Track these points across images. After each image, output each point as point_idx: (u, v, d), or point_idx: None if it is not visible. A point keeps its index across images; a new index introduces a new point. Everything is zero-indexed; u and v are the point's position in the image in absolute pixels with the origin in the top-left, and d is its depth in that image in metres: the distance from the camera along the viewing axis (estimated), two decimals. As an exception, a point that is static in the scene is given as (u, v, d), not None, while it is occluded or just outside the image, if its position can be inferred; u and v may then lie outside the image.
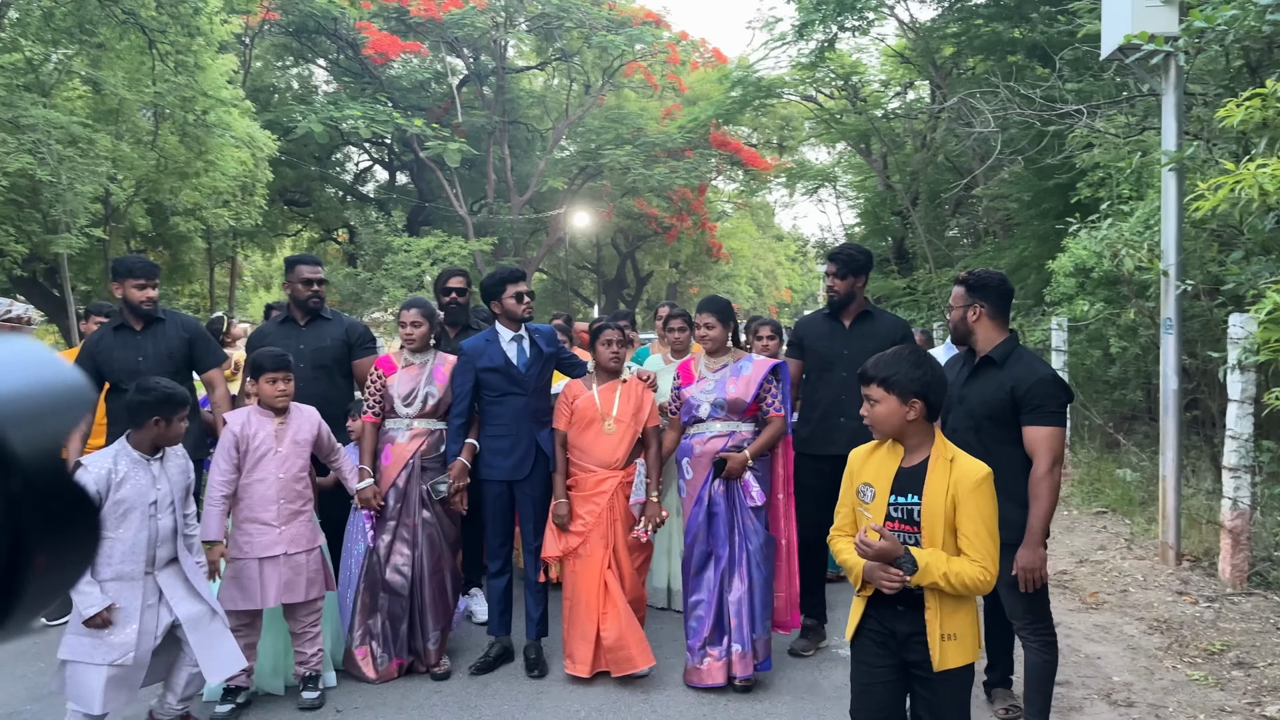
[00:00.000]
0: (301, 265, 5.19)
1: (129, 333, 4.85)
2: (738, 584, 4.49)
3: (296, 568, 4.30)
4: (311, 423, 4.45)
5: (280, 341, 4.92)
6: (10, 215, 11.29)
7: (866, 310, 4.94)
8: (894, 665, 2.83)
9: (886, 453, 2.88)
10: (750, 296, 46.20)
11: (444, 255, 22.44)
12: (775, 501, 4.71)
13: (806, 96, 20.45)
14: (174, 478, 3.85)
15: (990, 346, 3.74)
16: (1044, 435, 3.53)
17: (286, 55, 25.77)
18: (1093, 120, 8.49)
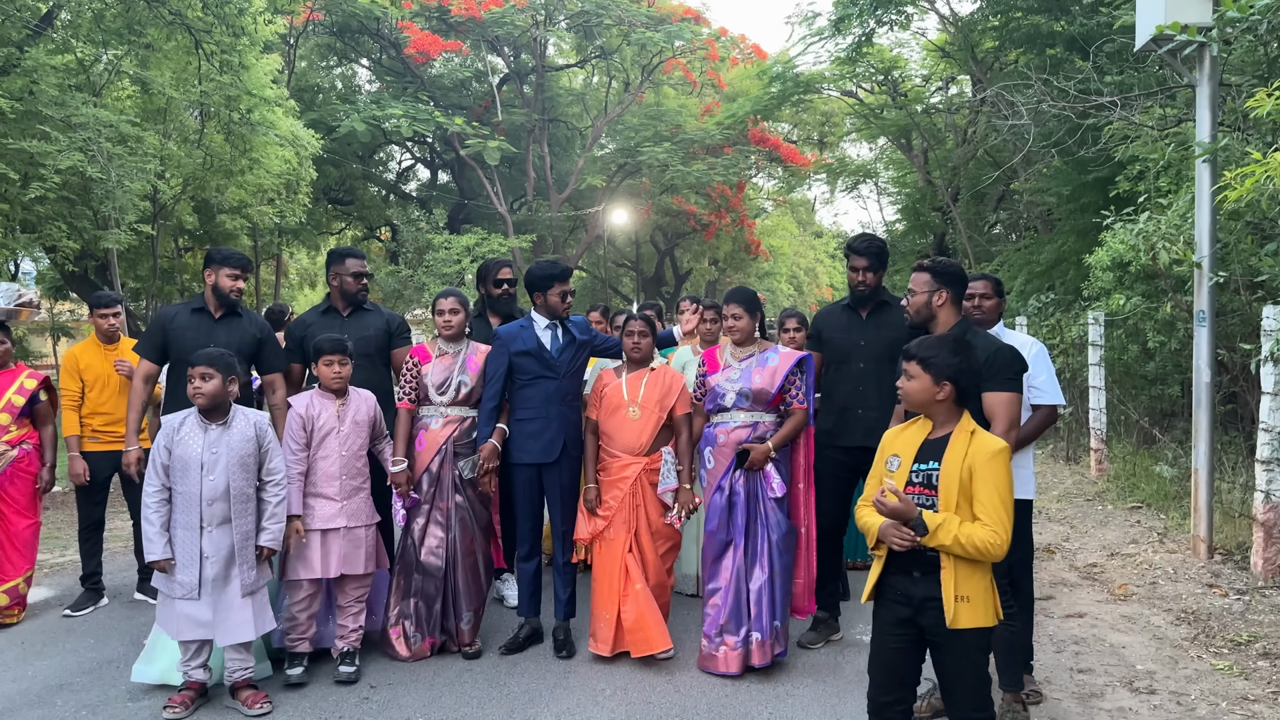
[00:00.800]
0: (350, 259, 5.28)
1: (206, 317, 4.95)
2: (758, 572, 4.56)
3: (355, 541, 4.58)
4: (369, 404, 4.74)
5: (322, 331, 5.02)
6: (62, 212, 11.61)
7: (884, 300, 4.88)
8: (909, 628, 3.01)
9: (917, 429, 3.14)
10: (790, 294, 46.05)
11: (484, 252, 22.64)
12: (796, 491, 4.77)
13: (846, 92, 20.37)
14: (234, 443, 4.10)
15: (947, 329, 3.92)
16: (1003, 400, 3.74)
17: (330, 55, 26.14)
18: (1129, 112, 8.41)
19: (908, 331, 4.66)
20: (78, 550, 5.92)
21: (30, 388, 5.41)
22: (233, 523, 4.10)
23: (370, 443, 4.75)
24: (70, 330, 24.08)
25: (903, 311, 4.80)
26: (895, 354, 4.66)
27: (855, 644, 5.01)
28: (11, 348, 5.48)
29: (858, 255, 4.83)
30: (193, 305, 5.00)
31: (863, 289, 4.84)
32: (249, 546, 4.15)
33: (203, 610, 4.06)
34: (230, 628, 4.12)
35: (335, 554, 4.52)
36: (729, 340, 4.81)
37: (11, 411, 5.36)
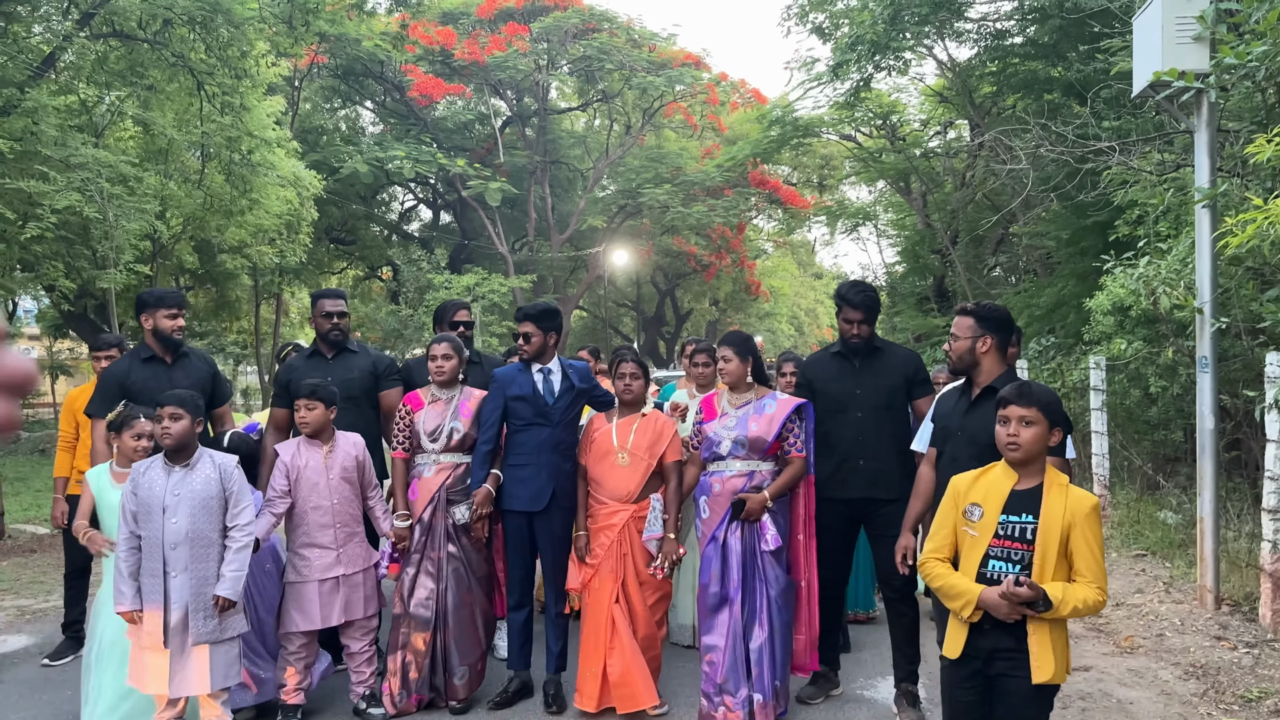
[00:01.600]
0: (323, 300, 5.21)
1: (160, 365, 4.86)
2: (758, 631, 4.40)
3: (354, 586, 4.52)
4: (358, 448, 4.63)
5: (308, 375, 4.97)
6: (60, 252, 11.63)
7: (875, 346, 4.72)
8: (979, 680, 3.01)
9: (999, 475, 3.05)
10: (791, 335, 46.06)
11: (484, 292, 22.69)
12: (795, 542, 4.63)
13: (845, 136, 20.49)
14: (196, 486, 3.91)
15: (992, 378, 3.78)
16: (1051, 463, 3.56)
17: (335, 97, 26.40)
18: (1127, 157, 8.40)
19: (903, 378, 4.61)
20: (61, 596, 5.80)
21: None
22: (189, 569, 3.88)
23: (364, 489, 4.65)
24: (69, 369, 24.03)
25: (898, 355, 4.74)
26: (892, 401, 4.62)
27: (856, 699, 4.88)
28: None
29: (852, 308, 4.64)
30: (141, 355, 4.88)
31: (857, 340, 4.67)
32: (207, 593, 3.90)
33: (163, 661, 3.86)
34: (185, 679, 3.88)
35: (338, 602, 4.46)
36: (725, 386, 4.71)
37: None
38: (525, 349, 4.74)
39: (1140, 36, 6.54)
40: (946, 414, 3.94)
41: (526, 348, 4.74)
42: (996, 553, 2.95)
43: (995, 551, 2.95)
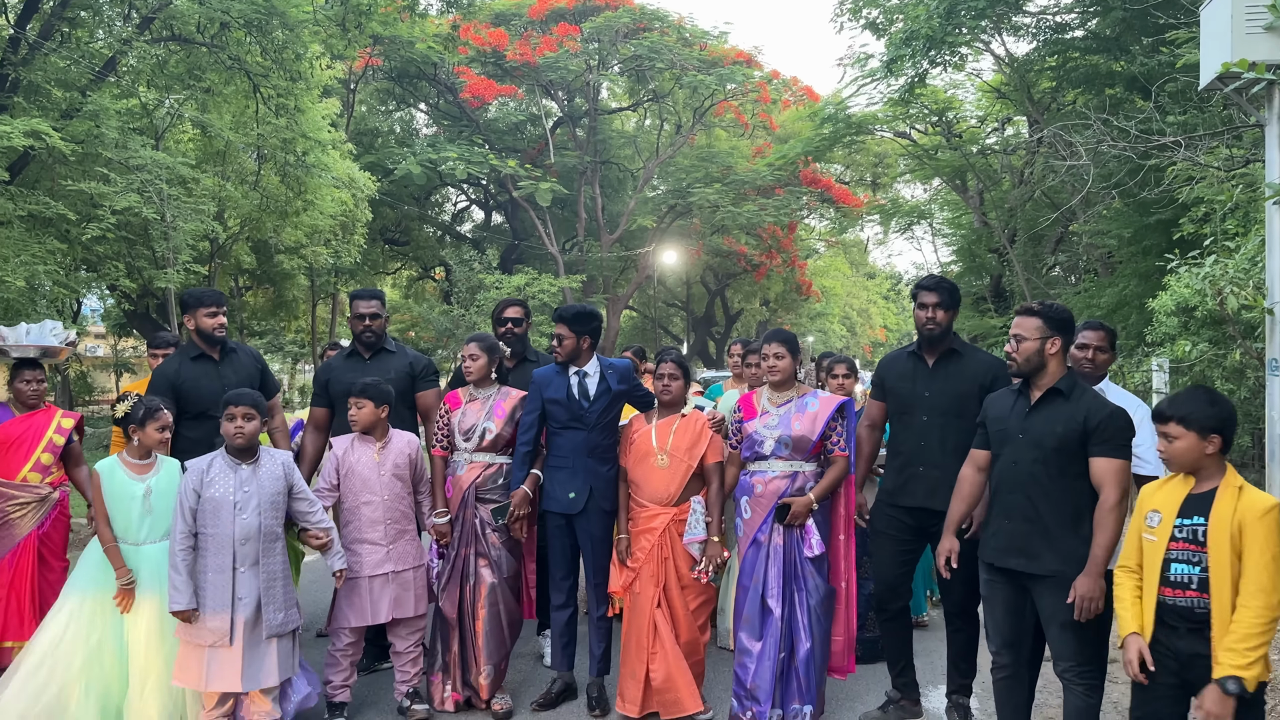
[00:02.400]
0: (357, 300, 5.17)
1: (209, 363, 4.92)
2: (804, 641, 4.30)
3: (404, 584, 4.53)
4: (412, 447, 4.67)
5: (346, 375, 5.00)
6: (121, 252, 11.88)
7: (953, 349, 4.44)
8: (1176, 684, 3.06)
9: (1178, 483, 3.16)
10: (844, 335, 45.64)
11: (534, 292, 22.77)
12: (836, 543, 4.51)
13: (899, 133, 20.21)
14: (264, 483, 4.08)
15: (1055, 380, 3.67)
16: (1115, 468, 3.51)
17: (389, 100, 26.68)
18: (1193, 153, 8.14)
19: (978, 385, 4.30)
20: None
21: (67, 428, 5.36)
22: (260, 563, 4.05)
23: (415, 486, 4.69)
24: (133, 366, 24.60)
25: (978, 361, 4.46)
26: (963, 409, 4.31)
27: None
28: (46, 386, 5.44)
29: (927, 291, 4.41)
30: (190, 354, 4.95)
31: (933, 329, 4.38)
32: (275, 587, 4.08)
33: (233, 656, 3.97)
34: (254, 672, 4.02)
35: (386, 599, 4.47)
36: (766, 385, 4.59)
37: (53, 451, 5.29)
38: (558, 351, 4.70)
39: (1208, 27, 6.31)
40: (1003, 416, 3.81)
41: (559, 350, 4.69)
42: (1176, 555, 3.06)
43: (1175, 555, 3.06)
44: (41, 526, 5.14)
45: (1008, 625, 3.79)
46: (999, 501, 3.77)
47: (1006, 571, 3.72)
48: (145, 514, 4.18)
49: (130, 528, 4.17)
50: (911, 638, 4.65)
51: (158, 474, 4.25)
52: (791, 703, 4.30)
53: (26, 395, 5.23)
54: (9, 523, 5.06)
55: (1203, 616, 2.96)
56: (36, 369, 5.29)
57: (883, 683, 4.88)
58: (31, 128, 8.68)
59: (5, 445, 5.14)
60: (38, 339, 5.24)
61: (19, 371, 5.25)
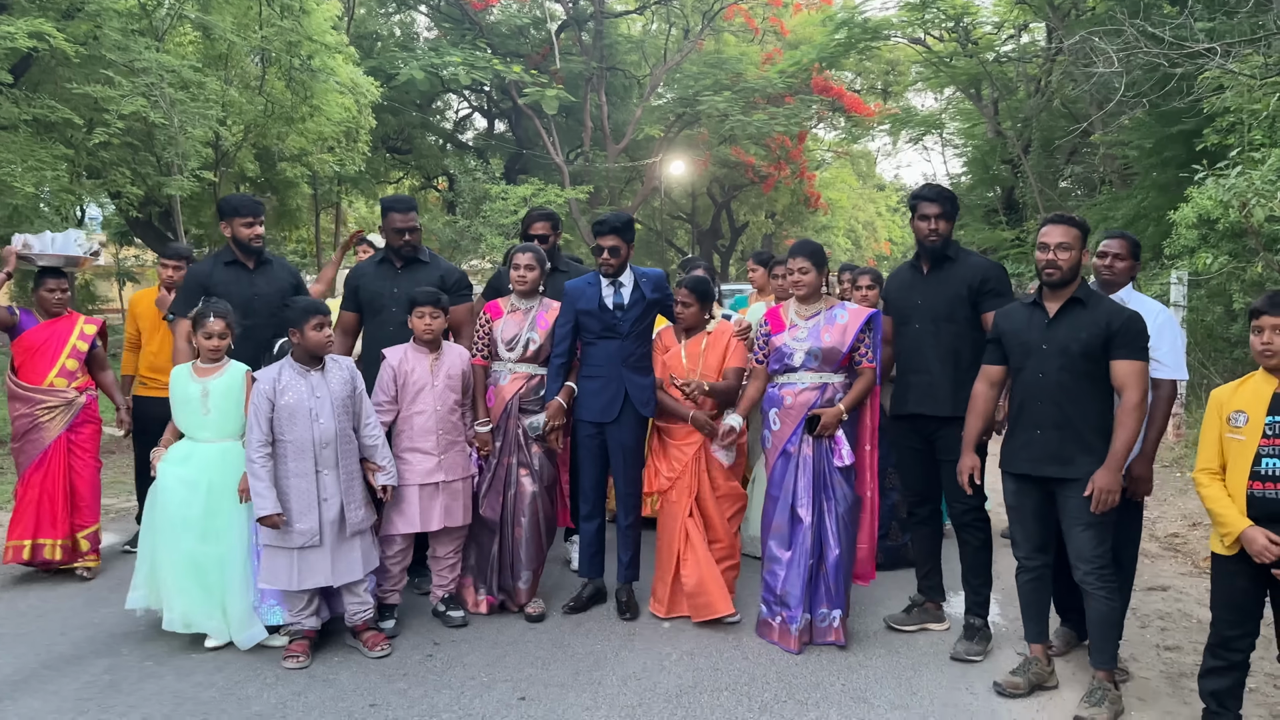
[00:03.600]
0: (394, 213, 5.03)
1: (242, 269, 4.95)
2: (833, 549, 4.37)
3: (454, 494, 4.60)
4: (463, 359, 4.70)
5: (376, 283, 4.98)
6: (126, 159, 11.69)
7: (946, 255, 4.41)
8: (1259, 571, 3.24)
9: (1259, 381, 3.29)
10: (848, 248, 45.32)
11: (540, 203, 22.51)
12: (863, 453, 4.54)
13: (914, 39, 19.70)
14: (334, 388, 4.21)
15: (1073, 290, 3.76)
16: (1137, 369, 3.64)
17: (389, 1, 25.97)
18: (1225, 61, 7.94)
19: (968, 287, 4.31)
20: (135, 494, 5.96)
21: (90, 333, 5.42)
22: (339, 465, 4.19)
23: (463, 396, 4.71)
24: (135, 275, 24.49)
25: (969, 264, 4.39)
26: (952, 313, 4.32)
27: (927, 613, 4.84)
28: (70, 295, 5.49)
29: (929, 202, 4.37)
30: (224, 259, 4.97)
31: (934, 239, 4.36)
32: (355, 486, 4.24)
33: (322, 555, 4.15)
34: (343, 568, 4.21)
35: (437, 508, 4.54)
36: (793, 298, 4.56)
37: (78, 357, 5.38)
38: (611, 263, 4.66)
39: (1253, -73, 6.11)
40: (1019, 330, 3.83)
41: (613, 261, 4.66)
42: (1268, 451, 3.20)
43: (1266, 450, 3.20)
44: (70, 430, 5.26)
45: (1037, 531, 3.87)
46: (1026, 413, 3.81)
47: (1035, 480, 3.78)
48: (205, 414, 4.36)
49: (194, 425, 4.40)
50: (940, 543, 4.72)
51: (219, 377, 4.39)
52: (820, 607, 4.40)
53: (50, 303, 5.34)
54: (38, 426, 5.23)
55: None
56: (60, 278, 5.36)
57: (905, 588, 4.98)
58: (35, 28, 8.46)
59: (30, 352, 5.27)
60: (63, 248, 5.28)
61: (43, 280, 5.35)
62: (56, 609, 4.90)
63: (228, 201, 4.98)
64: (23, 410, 5.26)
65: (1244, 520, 3.22)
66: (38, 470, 5.25)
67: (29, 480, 5.25)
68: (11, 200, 9.23)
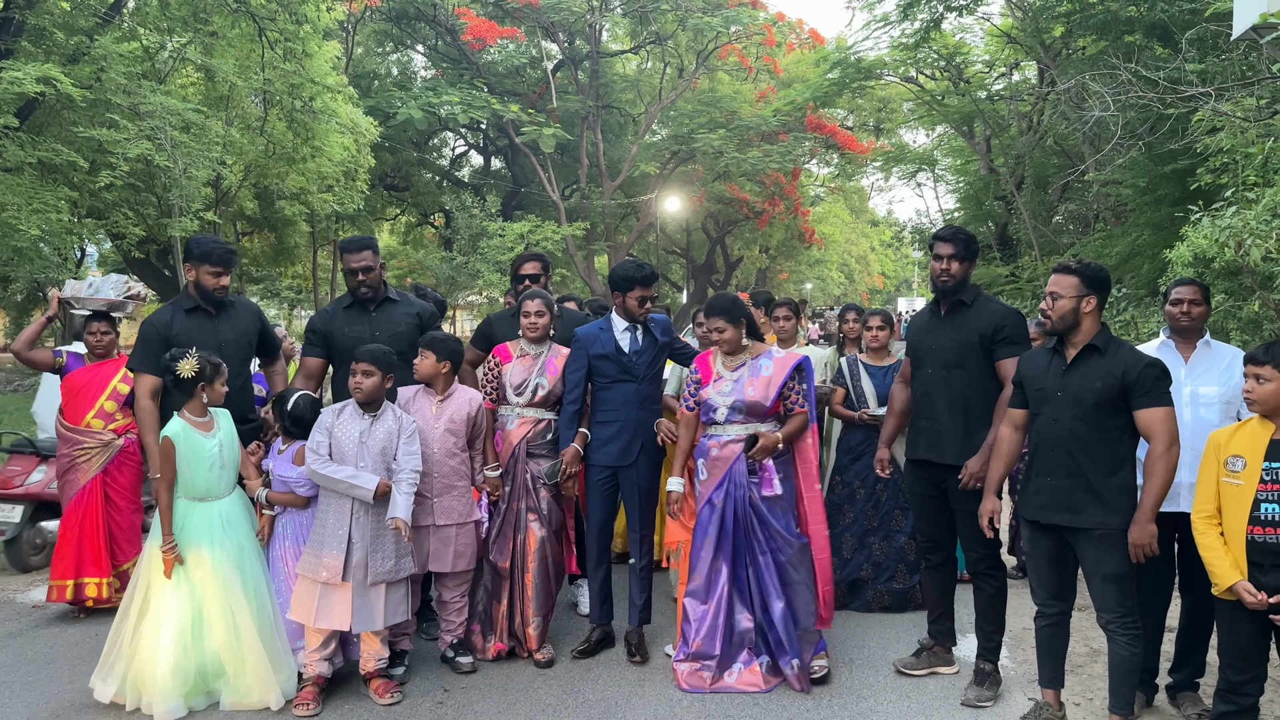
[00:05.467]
0: (346, 254, 4.86)
1: (205, 316, 4.70)
2: (775, 599, 4.39)
3: (445, 539, 4.54)
4: (472, 405, 4.65)
5: (350, 326, 4.83)
6: (129, 199, 11.77)
7: (961, 300, 4.33)
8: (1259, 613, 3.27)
9: (1255, 428, 3.34)
10: (841, 282, 45.55)
11: (537, 240, 22.63)
12: (812, 494, 4.56)
13: (907, 78, 19.99)
14: (377, 437, 4.24)
15: (1090, 337, 3.72)
16: (1161, 415, 3.59)
17: (387, 41, 26.25)
18: (1219, 103, 8.07)
19: (979, 336, 4.25)
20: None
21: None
22: (372, 511, 4.20)
23: (471, 439, 4.66)
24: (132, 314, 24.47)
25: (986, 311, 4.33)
26: (964, 359, 4.27)
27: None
28: (116, 338, 5.58)
29: (943, 242, 4.31)
30: (184, 306, 4.68)
31: (946, 280, 4.29)
32: (385, 536, 4.21)
33: (344, 598, 4.13)
34: (363, 616, 4.18)
35: (451, 550, 4.52)
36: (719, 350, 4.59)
37: (117, 400, 5.48)
38: (640, 312, 4.73)
39: (1244, -24, 6.24)
40: (1039, 375, 3.85)
41: (642, 311, 4.73)
42: (1265, 496, 3.24)
43: (1264, 495, 3.24)
44: (106, 471, 5.39)
45: (1052, 578, 3.86)
46: (1039, 459, 3.81)
47: (1049, 527, 3.78)
48: (222, 469, 4.27)
49: (212, 484, 4.25)
50: (954, 588, 4.69)
51: (221, 429, 4.33)
52: (780, 657, 4.40)
53: (94, 346, 5.59)
54: (75, 466, 5.40)
55: None
56: (103, 321, 5.53)
57: (912, 631, 4.99)
58: (43, 73, 8.55)
59: (73, 392, 5.44)
60: (101, 293, 5.41)
61: (88, 324, 5.57)
62: (64, 656, 4.88)
63: (198, 245, 4.65)
64: (63, 450, 5.40)
65: (1234, 574, 3.28)
66: (75, 510, 5.36)
67: (68, 520, 5.35)
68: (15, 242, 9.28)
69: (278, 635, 4.25)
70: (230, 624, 4.10)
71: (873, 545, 5.60)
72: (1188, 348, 4.11)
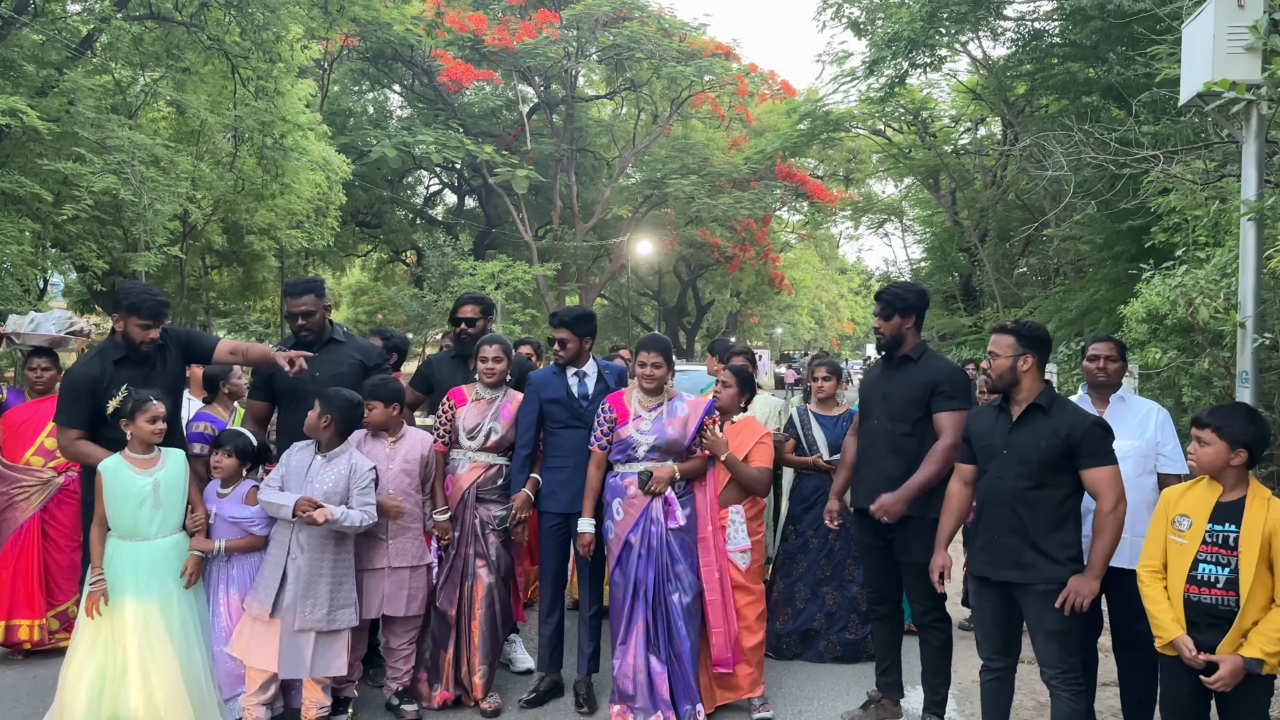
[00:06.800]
0: (289, 298, 4.73)
1: (135, 366, 4.32)
2: (683, 640, 4.44)
3: (399, 581, 4.50)
4: (424, 446, 4.64)
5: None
6: (93, 232, 11.71)
7: (907, 355, 4.42)
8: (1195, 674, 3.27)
9: (1204, 488, 3.37)
10: (811, 328, 45.93)
11: (508, 279, 22.71)
12: (705, 535, 4.60)
13: (875, 131, 20.37)
14: (325, 481, 4.19)
15: (1033, 396, 3.77)
16: (1108, 474, 3.63)
17: (363, 80, 26.44)
18: (1169, 165, 8.31)
19: (920, 391, 4.33)
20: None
21: None
22: (306, 554, 4.14)
23: (423, 483, 4.65)
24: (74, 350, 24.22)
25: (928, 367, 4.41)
26: (904, 413, 4.35)
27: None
28: (58, 374, 5.45)
29: (876, 301, 4.50)
30: (112, 357, 4.30)
31: (880, 337, 4.48)
32: (320, 584, 4.14)
33: (272, 637, 4.08)
34: (292, 660, 4.11)
35: (379, 595, 4.46)
36: (635, 387, 4.64)
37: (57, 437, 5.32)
38: (561, 354, 4.74)
39: (1190, 45, 6.43)
40: (986, 432, 3.91)
41: (563, 353, 4.74)
42: (1205, 557, 3.26)
43: (1204, 556, 3.27)
44: (45, 510, 5.28)
45: (998, 633, 3.90)
46: (986, 516, 3.86)
47: (997, 583, 3.82)
48: (155, 508, 4.04)
49: (140, 523, 4.02)
50: (901, 640, 4.70)
51: (164, 467, 4.10)
52: (684, 704, 4.42)
53: (34, 382, 5.46)
54: (13, 505, 5.26)
55: (1225, 613, 3.20)
56: (44, 356, 5.41)
57: (863, 683, 4.98)
58: (9, 105, 8.53)
59: (11, 429, 5.31)
60: (42, 328, 5.30)
61: (29, 359, 5.44)
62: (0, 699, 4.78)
63: (127, 295, 4.26)
64: (1, 488, 5.25)
65: (1176, 628, 3.28)
66: (12, 549, 5.22)
67: (3, 560, 5.21)
68: (-24, 273, 9.20)
69: (210, 689, 4.09)
70: (145, 684, 3.88)
71: (825, 595, 5.61)
72: (1102, 403, 4.20)
